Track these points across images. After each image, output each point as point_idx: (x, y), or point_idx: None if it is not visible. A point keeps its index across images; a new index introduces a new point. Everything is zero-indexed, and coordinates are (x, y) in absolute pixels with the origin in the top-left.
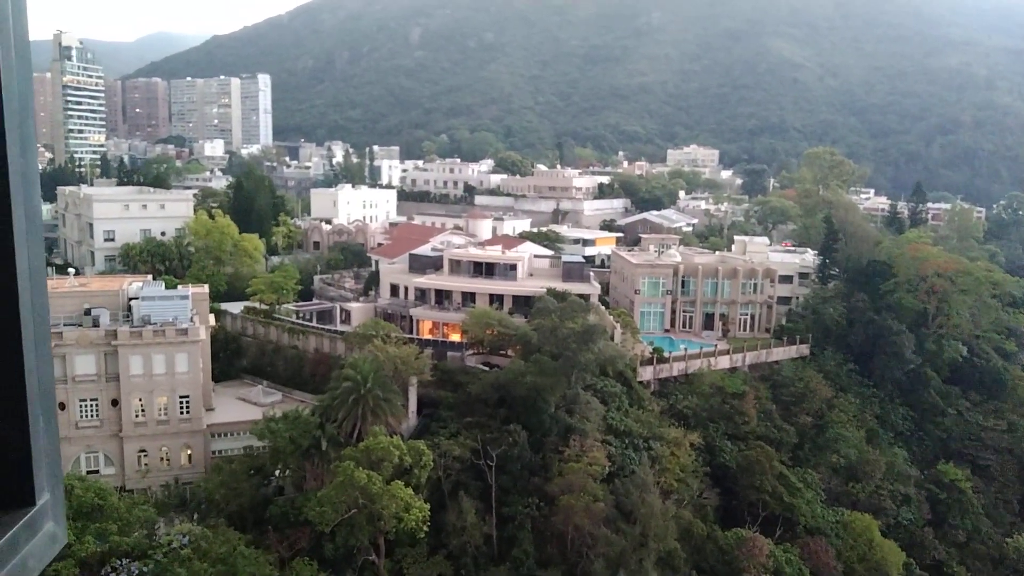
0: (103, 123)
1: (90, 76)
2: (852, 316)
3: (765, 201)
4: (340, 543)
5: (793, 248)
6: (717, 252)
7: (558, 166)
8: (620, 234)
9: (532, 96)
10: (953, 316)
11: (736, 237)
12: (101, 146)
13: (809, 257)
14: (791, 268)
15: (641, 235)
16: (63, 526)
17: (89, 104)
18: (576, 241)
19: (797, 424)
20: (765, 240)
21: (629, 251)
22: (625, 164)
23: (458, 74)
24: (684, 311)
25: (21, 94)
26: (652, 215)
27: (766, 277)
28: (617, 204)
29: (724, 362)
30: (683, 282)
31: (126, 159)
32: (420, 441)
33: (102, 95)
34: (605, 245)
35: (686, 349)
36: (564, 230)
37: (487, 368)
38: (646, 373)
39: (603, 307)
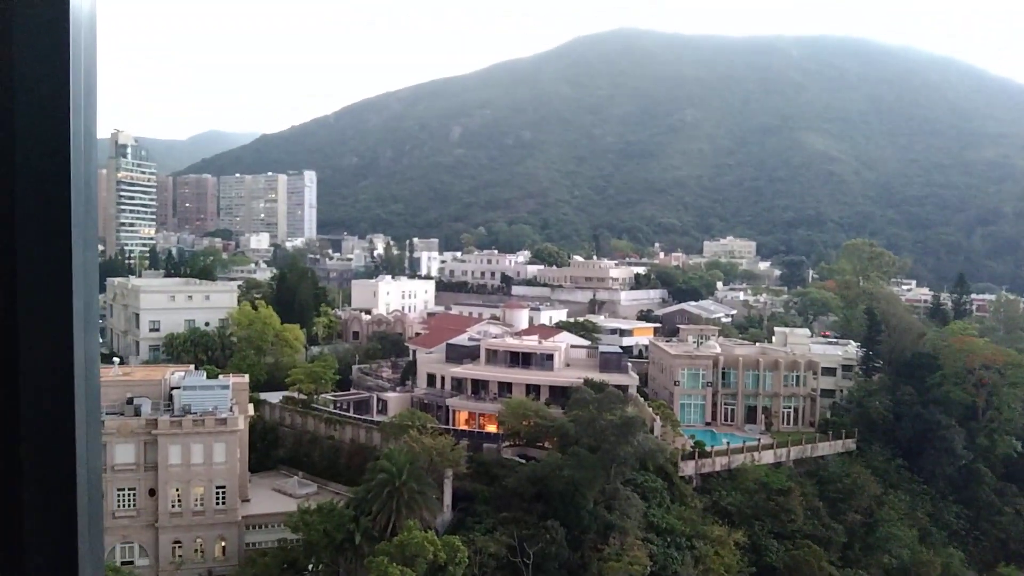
0: (154, 217)
1: (143, 172)
2: (899, 410)
3: (804, 292)
4: None
5: (835, 339)
6: (757, 343)
7: (594, 257)
8: (658, 324)
9: (568, 190)
10: (1004, 410)
11: (776, 328)
12: (151, 239)
13: (852, 349)
14: (834, 360)
15: (679, 325)
16: None
17: (141, 199)
18: (613, 331)
19: (845, 522)
20: (806, 332)
21: (667, 342)
22: (661, 255)
23: (496, 170)
24: (725, 404)
25: (88, 196)
26: (690, 306)
27: (808, 369)
28: (654, 295)
29: (768, 457)
30: (723, 374)
31: (174, 251)
32: (455, 537)
33: (154, 190)
34: (642, 335)
35: (728, 443)
36: (601, 320)
37: (524, 460)
38: (688, 468)
39: (642, 399)
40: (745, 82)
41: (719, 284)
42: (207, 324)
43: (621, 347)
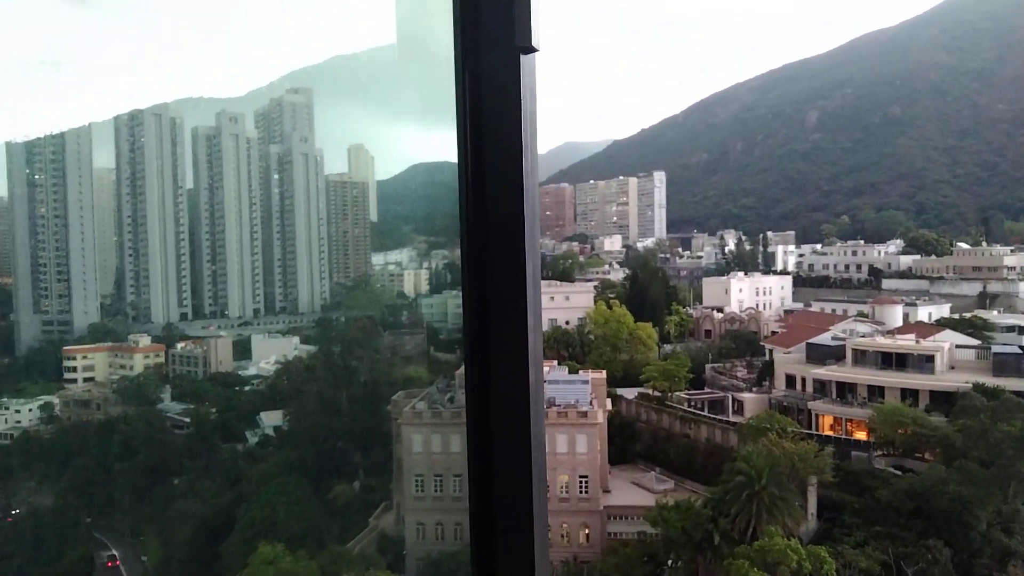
0: None
1: None
2: None
3: None
4: None
5: None
6: None
7: (984, 244)
8: None
9: (948, 169)
10: None
11: None
12: None
13: None
14: None
15: None
16: None
17: None
18: (1010, 329)
19: None
20: None
21: None
22: None
23: (860, 152)
24: None
25: (532, 210)
26: None
27: None
28: None
29: None
30: None
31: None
32: (821, 547)
33: None
34: None
35: None
36: (994, 316)
37: (899, 472)
38: None
39: None
40: None
41: None
42: (567, 323)
43: (1021, 348)
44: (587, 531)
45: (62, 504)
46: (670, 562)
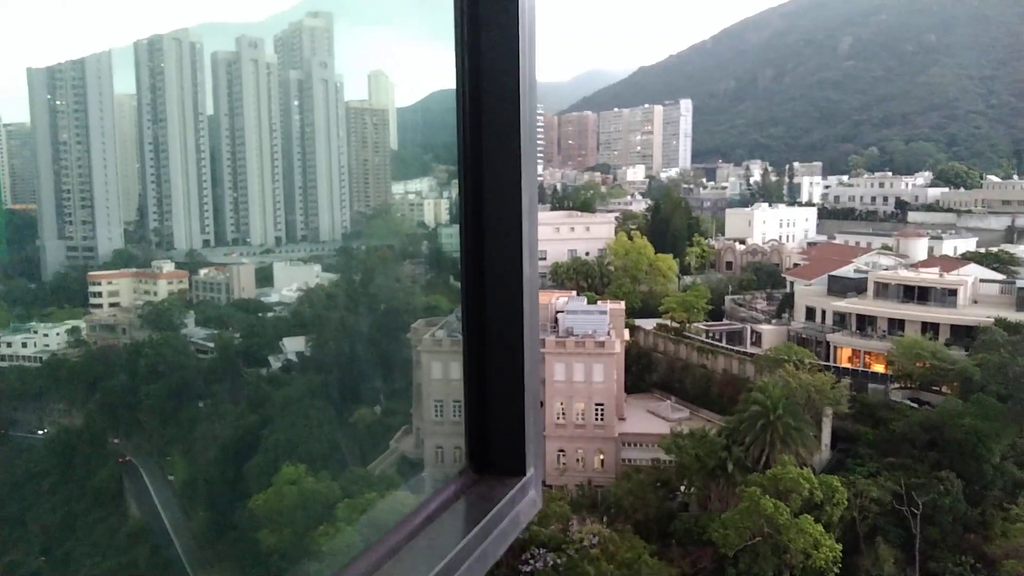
0: (542, 155)
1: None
2: None
3: None
4: (743, 569)
5: None
6: None
7: (1015, 177)
8: None
9: (983, 99)
10: None
11: None
12: (539, 176)
13: None
14: None
15: None
16: (540, 494)
17: None
18: None
19: None
20: None
21: None
22: None
23: (892, 82)
24: None
25: (530, 138)
26: None
27: None
28: None
29: None
30: None
31: (558, 186)
32: (834, 476)
33: (542, 130)
34: None
35: None
36: (1020, 251)
37: (915, 405)
38: None
39: None
40: None
41: None
42: (587, 254)
43: None
44: (602, 457)
45: (91, 425)
46: (683, 488)
